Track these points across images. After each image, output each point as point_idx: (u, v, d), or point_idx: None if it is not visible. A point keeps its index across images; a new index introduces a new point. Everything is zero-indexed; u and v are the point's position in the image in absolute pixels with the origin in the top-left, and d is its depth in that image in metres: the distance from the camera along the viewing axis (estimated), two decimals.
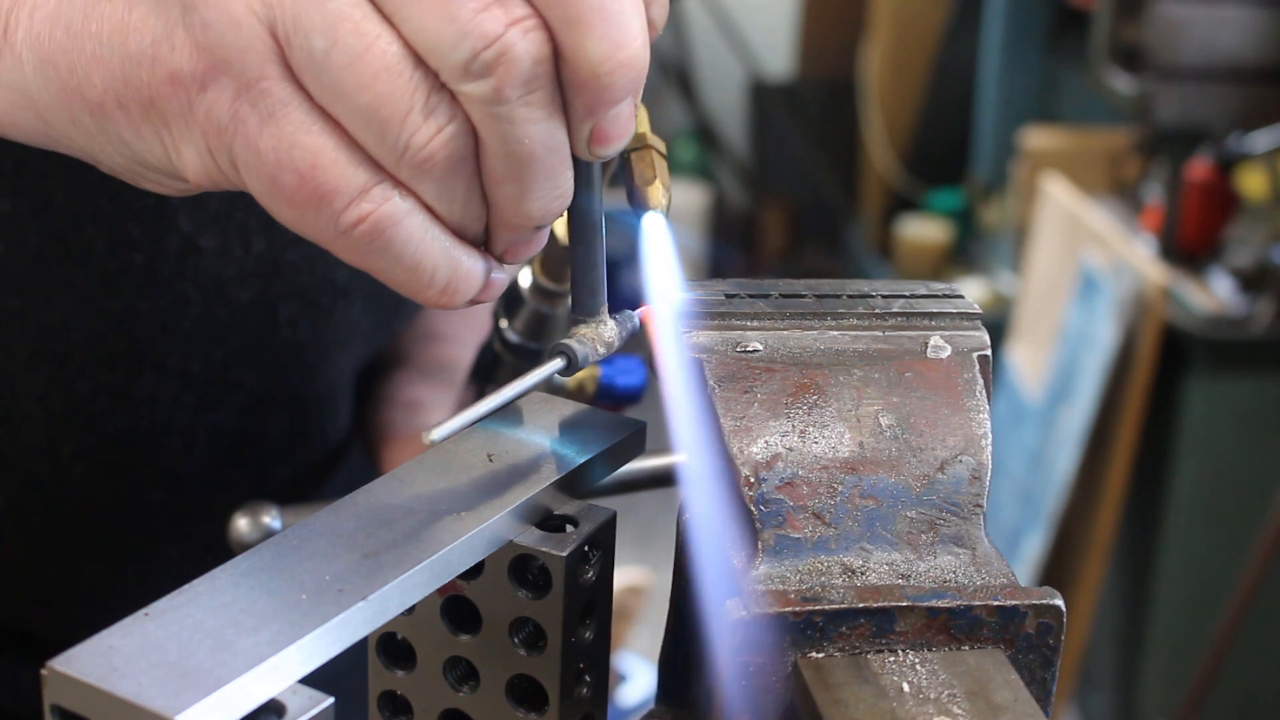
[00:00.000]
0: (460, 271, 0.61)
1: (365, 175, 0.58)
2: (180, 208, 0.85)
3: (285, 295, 0.91)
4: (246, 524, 0.83)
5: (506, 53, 0.56)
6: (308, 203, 0.58)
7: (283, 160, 0.57)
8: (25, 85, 0.62)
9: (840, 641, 0.58)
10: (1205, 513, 2.87)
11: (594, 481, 0.67)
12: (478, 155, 0.59)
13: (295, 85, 0.57)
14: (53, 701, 0.50)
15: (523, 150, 0.58)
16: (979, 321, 0.69)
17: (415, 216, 0.59)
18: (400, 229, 0.59)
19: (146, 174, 0.63)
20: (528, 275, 0.85)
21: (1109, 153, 3.45)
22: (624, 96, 0.58)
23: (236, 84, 0.57)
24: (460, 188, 0.59)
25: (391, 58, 0.56)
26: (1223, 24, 2.88)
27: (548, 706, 0.65)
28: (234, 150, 0.58)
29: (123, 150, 0.62)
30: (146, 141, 0.61)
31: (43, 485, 0.90)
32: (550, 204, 0.61)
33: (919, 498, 0.62)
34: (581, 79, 0.57)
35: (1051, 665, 0.60)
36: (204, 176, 0.61)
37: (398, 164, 0.58)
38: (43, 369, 0.87)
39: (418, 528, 0.59)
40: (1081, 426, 2.93)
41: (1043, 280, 3.29)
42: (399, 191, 0.59)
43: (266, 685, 0.51)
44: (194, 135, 0.59)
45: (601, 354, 0.65)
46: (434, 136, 0.57)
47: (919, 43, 4.66)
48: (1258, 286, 2.84)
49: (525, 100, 0.57)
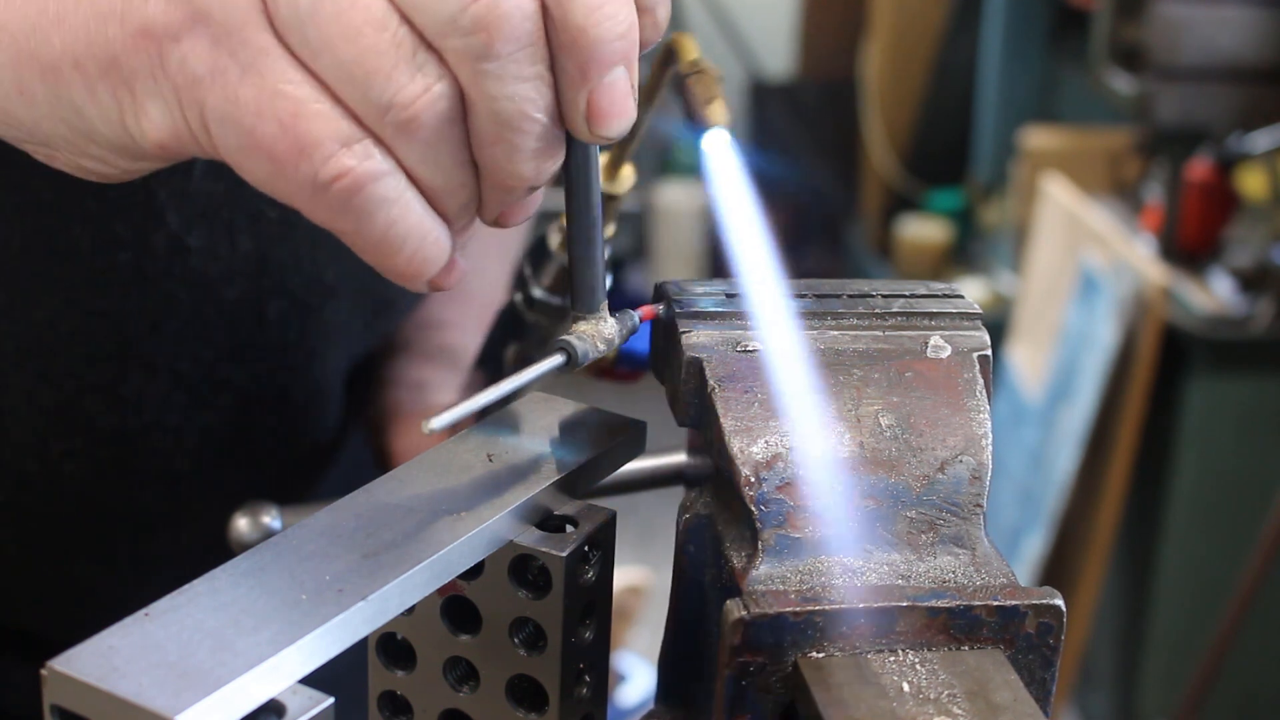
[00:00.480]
0: (428, 243, 0.60)
1: (348, 128, 0.57)
2: (167, 205, 0.85)
3: (273, 294, 0.91)
4: (246, 524, 0.83)
5: (496, 7, 0.55)
6: (287, 154, 0.57)
7: (264, 109, 0.56)
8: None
9: (840, 641, 0.58)
10: (1205, 513, 2.87)
11: (594, 481, 0.67)
12: (465, 121, 0.58)
13: (277, 37, 0.56)
14: (53, 701, 0.50)
15: (512, 108, 0.57)
16: (979, 321, 0.69)
17: (394, 178, 0.58)
18: (378, 188, 0.58)
19: (90, 148, 0.62)
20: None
21: (1109, 153, 3.45)
22: (613, 60, 0.57)
23: (215, 33, 0.56)
24: (444, 152, 0.58)
25: (377, 11, 0.55)
26: (1223, 24, 2.88)
27: (548, 706, 0.65)
28: (208, 103, 0.57)
29: (71, 119, 0.61)
30: (101, 104, 0.60)
31: (33, 484, 0.90)
32: (542, 163, 0.59)
33: (919, 498, 0.62)
34: (569, 37, 0.56)
35: (1051, 665, 0.60)
36: (169, 135, 0.59)
37: (381, 122, 0.57)
38: (30, 367, 0.86)
39: (418, 528, 0.59)
40: (1081, 426, 2.93)
41: (1043, 280, 3.29)
42: (379, 149, 0.57)
43: (266, 685, 0.51)
44: (163, 90, 0.58)
45: (601, 350, 0.65)
46: (420, 95, 0.56)
47: (919, 43, 4.66)
48: (1258, 286, 2.84)
49: (514, 57, 0.56)
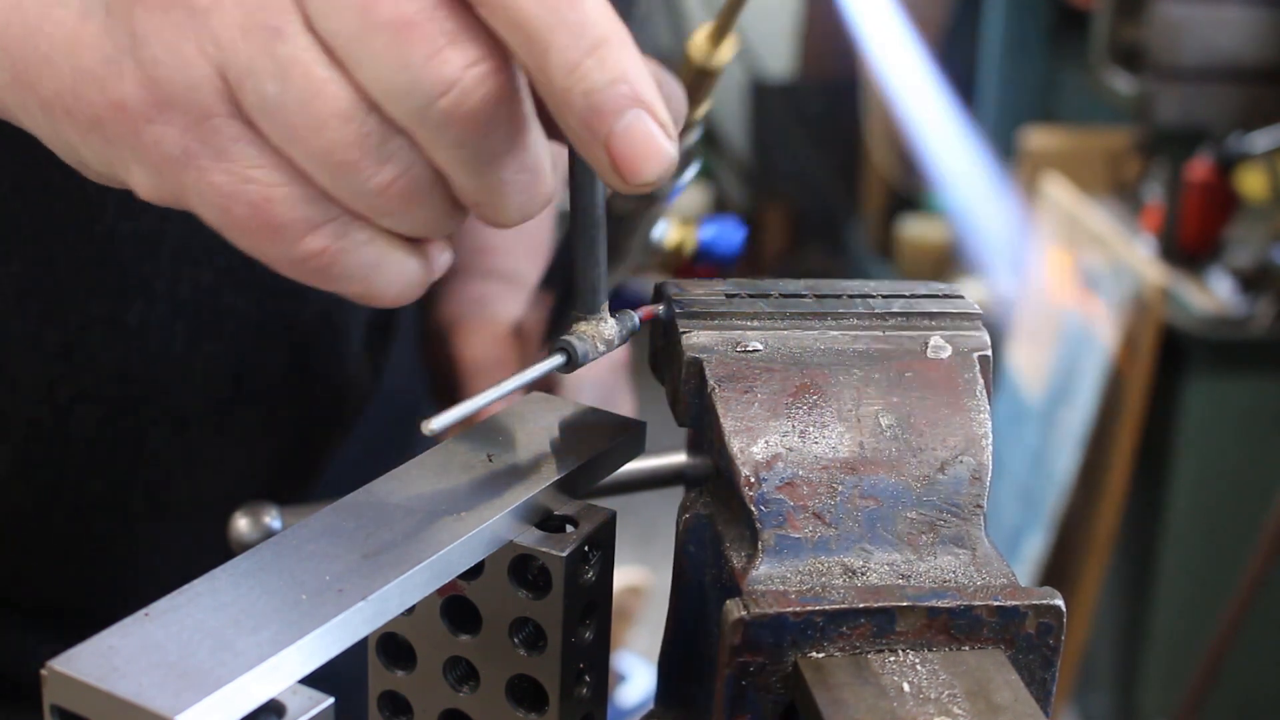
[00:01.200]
0: (415, 281, 0.60)
1: (318, 210, 0.57)
2: None
3: None
4: (246, 524, 0.83)
5: (464, 100, 0.54)
6: (260, 234, 0.57)
7: (236, 193, 0.56)
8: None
9: (840, 641, 0.58)
10: (1205, 513, 2.87)
11: (594, 481, 0.67)
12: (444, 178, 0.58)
13: (246, 124, 0.56)
14: (53, 702, 0.50)
15: (493, 179, 0.57)
16: (979, 321, 0.69)
17: (371, 245, 0.58)
18: (354, 257, 0.58)
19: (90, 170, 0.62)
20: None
21: (1109, 153, 3.45)
22: (617, 108, 0.55)
23: (185, 120, 0.56)
24: (424, 212, 0.58)
25: (344, 103, 0.55)
26: (1223, 24, 2.88)
27: (548, 707, 0.65)
28: (185, 182, 0.57)
29: (68, 152, 0.61)
30: (94, 151, 0.60)
31: (45, 436, 0.90)
32: (529, 206, 0.59)
33: (919, 498, 0.62)
34: (559, 101, 0.55)
35: (1051, 665, 0.60)
36: (154, 197, 0.60)
37: (355, 204, 0.57)
38: (33, 308, 0.86)
39: (418, 528, 0.59)
40: (1081, 426, 2.93)
41: (1043, 280, 3.29)
42: (355, 224, 0.58)
43: (266, 685, 0.51)
44: (143, 160, 0.58)
45: (601, 351, 0.66)
46: (392, 182, 0.56)
47: None
48: (1258, 286, 2.84)
49: (488, 142, 0.56)
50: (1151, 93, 2.87)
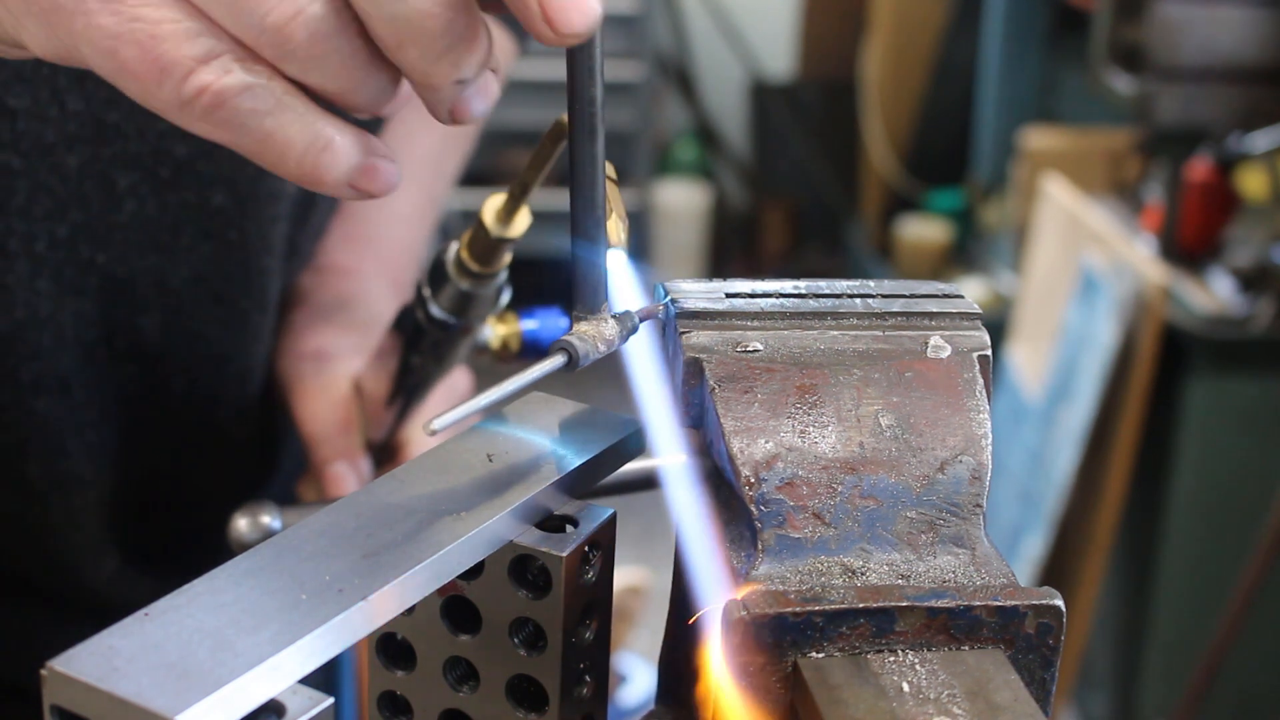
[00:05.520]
0: (320, 145, 0.58)
1: (205, 46, 0.56)
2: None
3: (118, 164, 0.89)
4: (246, 524, 0.83)
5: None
6: (149, 75, 0.56)
7: (123, 33, 0.56)
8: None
9: (840, 641, 0.58)
10: (1205, 513, 2.87)
11: (594, 481, 0.67)
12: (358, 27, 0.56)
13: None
14: (52, 702, 0.50)
15: (413, 18, 0.55)
16: (979, 321, 0.69)
17: (264, 89, 0.56)
18: (243, 100, 0.56)
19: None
20: (453, 250, 0.85)
21: (1109, 153, 3.45)
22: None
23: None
24: (334, 61, 0.56)
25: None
26: (1223, 24, 2.88)
27: (548, 707, 0.65)
28: (74, 29, 0.57)
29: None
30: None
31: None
32: (461, 57, 0.57)
33: (919, 498, 0.62)
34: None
35: (1051, 665, 0.60)
36: (50, 52, 0.59)
37: (258, 43, 0.56)
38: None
39: (418, 528, 0.59)
40: (1081, 426, 2.93)
41: (1043, 280, 3.29)
42: (244, 64, 0.56)
43: (266, 685, 0.51)
44: (33, 11, 0.58)
45: (602, 351, 0.65)
46: (292, 17, 0.55)
47: (919, 43, 4.66)
48: (1258, 286, 2.84)
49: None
50: (1151, 93, 2.87)
